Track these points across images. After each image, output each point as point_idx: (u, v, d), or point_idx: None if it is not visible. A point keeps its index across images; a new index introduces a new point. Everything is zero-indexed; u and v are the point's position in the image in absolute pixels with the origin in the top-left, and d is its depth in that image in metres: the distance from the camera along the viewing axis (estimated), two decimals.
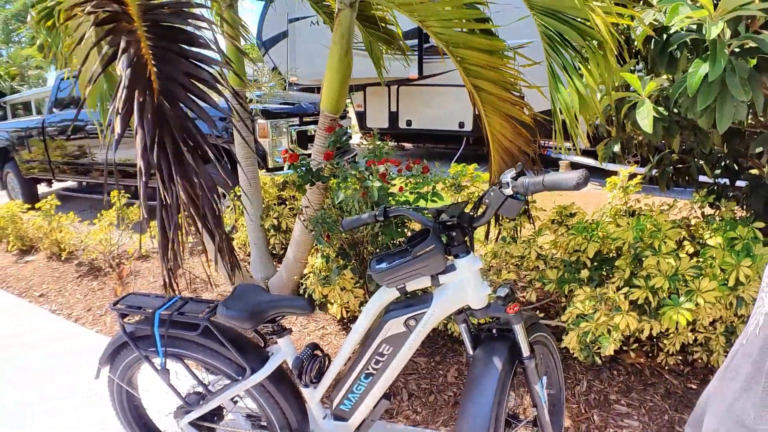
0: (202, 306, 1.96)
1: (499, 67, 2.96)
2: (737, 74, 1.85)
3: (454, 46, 2.96)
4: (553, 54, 2.49)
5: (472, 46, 2.93)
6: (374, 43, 4.02)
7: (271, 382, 1.93)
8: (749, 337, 0.74)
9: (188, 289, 4.30)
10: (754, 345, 0.71)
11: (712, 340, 2.62)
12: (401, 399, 2.72)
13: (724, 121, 1.95)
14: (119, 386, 2.22)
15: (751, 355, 0.71)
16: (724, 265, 2.38)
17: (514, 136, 3.00)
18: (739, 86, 1.84)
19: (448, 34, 2.96)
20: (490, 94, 2.99)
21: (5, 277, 5.06)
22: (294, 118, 5.26)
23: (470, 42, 2.92)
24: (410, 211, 1.69)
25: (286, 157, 2.91)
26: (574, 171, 1.36)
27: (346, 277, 2.92)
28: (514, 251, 2.91)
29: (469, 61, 2.98)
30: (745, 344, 0.75)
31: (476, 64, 2.96)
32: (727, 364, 0.79)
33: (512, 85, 2.99)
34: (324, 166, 2.89)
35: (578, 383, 2.77)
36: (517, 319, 1.66)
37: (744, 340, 0.76)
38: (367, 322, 1.80)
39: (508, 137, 3.03)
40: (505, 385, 1.65)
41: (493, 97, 2.99)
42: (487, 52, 2.93)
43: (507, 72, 2.97)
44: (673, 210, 3.16)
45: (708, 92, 1.89)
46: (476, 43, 2.92)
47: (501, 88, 2.96)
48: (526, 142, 3.04)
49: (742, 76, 1.85)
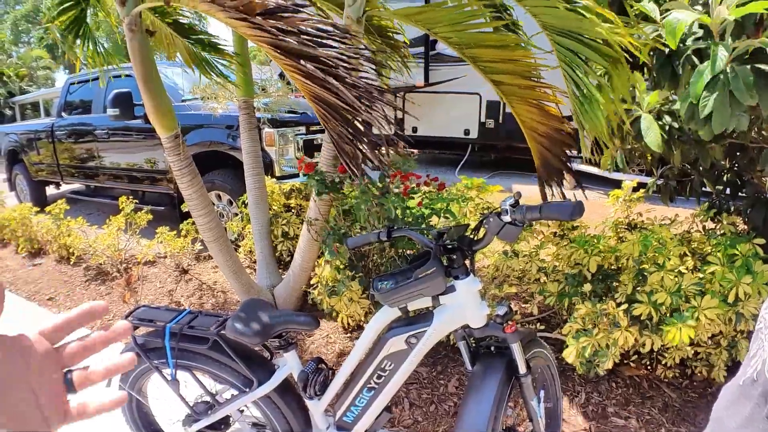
0: (212, 320, 2.02)
1: (516, 58, 2.96)
2: (740, 78, 1.84)
3: (467, 47, 2.97)
4: (568, 70, 2.52)
5: (484, 44, 2.93)
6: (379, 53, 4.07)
7: (277, 394, 1.99)
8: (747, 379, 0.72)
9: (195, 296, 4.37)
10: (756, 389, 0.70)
11: (713, 355, 2.66)
12: (402, 408, 2.78)
13: (721, 121, 1.89)
14: (129, 395, 2.28)
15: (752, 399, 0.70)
16: (724, 281, 2.42)
17: (543, 118, 3.00)
18: (743, 90, 1.82)
19: (457, 37, 2.99)
20: (511, 85, 2.97)
21: (14, 279, 5.14)
22: (301, 127, 5.33)
23: (481, 40, 2.93)
24: (413, 232, 1.75)
25: (302, 166, 2.96)
26: (570, 201, 1.42)
27: (353, 288, 2.98)
28: (515, 265, 2.96)
29: (483, 59, 2.98)
30: (743, 385, 0.73)
31: (491, 60, 2.97)
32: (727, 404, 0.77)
33: (531, 72, 2.98)
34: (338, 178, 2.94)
35: (577, 395, 2.82)
36: (514, 338, 1.72)
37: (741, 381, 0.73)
38: (370, 339, 1.86)
39: (538, 120, 3.01)
40: (501, 401, 1.70)
41: (514, 88, 2.96)
42: (500, 48, 2.93)
43: (524, 62, 2.97)
44: (674, 224, 3.20)
45: (710, 97, 1.89)
46: (487, 40, 2.93)
47: (520, 78, 2.93)
48: (559, 121, 3.02)
49: (746, 80, 1.83)
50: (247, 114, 3.85)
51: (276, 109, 5.23)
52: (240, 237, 4.87)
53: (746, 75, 1.84)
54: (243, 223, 4.74)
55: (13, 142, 8.55)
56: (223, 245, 3.45)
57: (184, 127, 4.54)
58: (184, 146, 3.17)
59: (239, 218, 4.83)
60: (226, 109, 5.07)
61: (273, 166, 5.12)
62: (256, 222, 3.93)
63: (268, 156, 5.09)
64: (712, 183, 3.32)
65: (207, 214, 3.33)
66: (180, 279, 4.69)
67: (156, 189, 6.28)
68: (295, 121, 5.41)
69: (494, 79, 3.01)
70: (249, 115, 3.86)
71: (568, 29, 2.40)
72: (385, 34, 3.96)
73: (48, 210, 5.43)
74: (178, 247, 4.68)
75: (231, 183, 5.25)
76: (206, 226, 3.37)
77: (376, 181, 2.76)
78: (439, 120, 9.33)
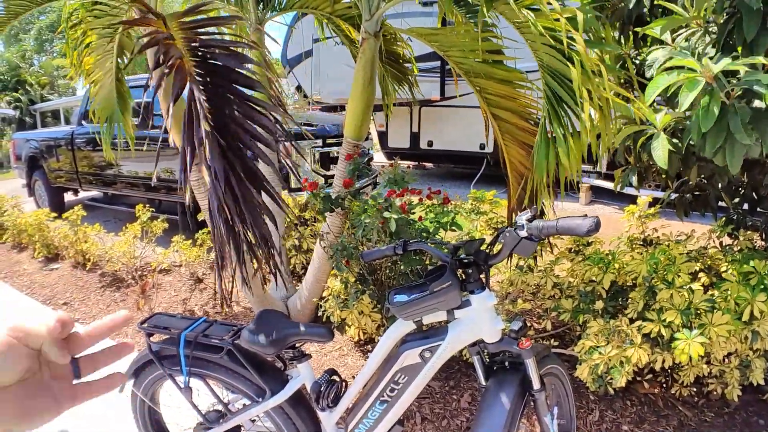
0: (226, 329, 2.03)
1: (517, 97, 3.02)
2: (739, 117, 1.84)
3: (475, 75, 3.03)
4: (548, 106, 2.51)
5: (492, 76, 2.99)
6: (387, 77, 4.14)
7: (290, 405, 1.99)
8: None
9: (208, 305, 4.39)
10: None
11: (727, 373, 2.63)
12: (414, 422, 2.76)
13: (735, 162, 1.94)
14: (142, 401, 2.30)
15: None
16: (739, 299, 2.40)
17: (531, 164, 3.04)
18: (741, 129, 1.83)
19: (468, 65, 3.03)
20: (509, 123, 3.04)
21: (31, 283, 5.20)
22: (317, 140, 5.37)
23: (490, 72, 2.99)
24: (429, 246, 1.75)
25: (306, 185, 2.99)
26: (586, 218, 1.41)
27: (364, 301, 2.98)
28: (530, 280, 2.95)
29: (488, 91, 3.04)
30: None
31: (495, 94, 3.03)
32: None
33: (530, 115, 3.04)
34: (344, 194, 2.96)
35: (590, 413, 2.79)
36: (529, 354, 1.71)
37: None
38: (384, 352, 1.86)
39: (525, 165, 3.07)
40: (515, 417, 1.69)
41: (511, 126, 3.04)
42: (505, 83, 2.99)
43: (525, 102, 3.03)
44: (690, 240, 3.17)
45: (715, 135, 1.90)
46: (495, 73, 2.99)
47: (519, 117, 3.02)
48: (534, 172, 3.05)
49: (744, 118, 1.84)
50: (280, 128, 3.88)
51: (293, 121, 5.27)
52: None
53: (745, 113, 1.85)
54: None
55: (34, 149, 8.67)
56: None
57: None
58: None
59: None
60: None
61: (289, 179, 5.15)
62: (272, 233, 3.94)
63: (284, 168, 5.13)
64: (729, 198, 3.28)
65: None
66: (194, 288, 4.72)
67: (172, 198, 6.33)
68: (312, 134, 5.45)
69: (495, 113, 3.07)
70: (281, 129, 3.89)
71: (559, 71, 2.40)
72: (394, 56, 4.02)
73: (65, 216, 5.50)
74: (193, 256, 4.71)
75: None
76: None
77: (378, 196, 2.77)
78: (454, 134, 9.34)
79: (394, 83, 4.23)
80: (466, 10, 3.21)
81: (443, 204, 2.73)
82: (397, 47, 4.04)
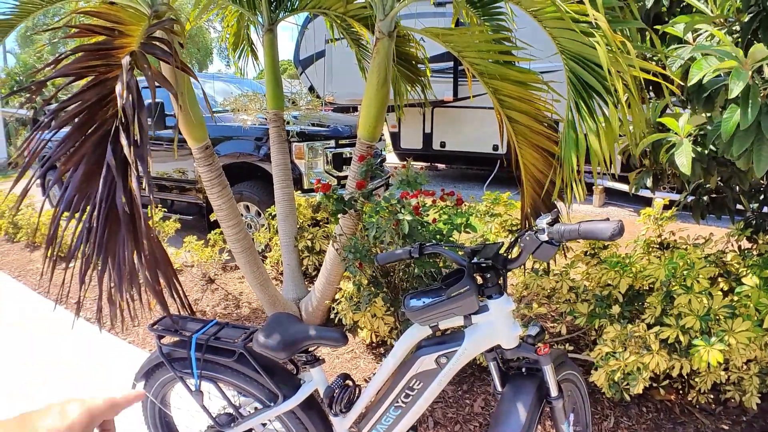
0: (238, 332, 2.01)
1: (532, 99, 2.98)
2: None
3: (490, 77, 2.99)
4: (574, 95, 2.47)
5: (506, 78, 2.95)
6: (400, 79, 4.11)
7: (302, 410, 1.96)
8: None
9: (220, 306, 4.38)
10: None
11: (745, 380, 2.58)
12: (427, 427, 2.73)
13: (762, 166, 1.92)
14: (152, 403, 2.28)
15: None
16: (759, 305, 2.35)
17: (545, 167, 3.01)
18: None
19: (483, 65, 3.00)
20: (523, 126, 3.01)
21: (44, 282, 5.21)
22: (330, 141, 5.35)
23: (504, 74, 2.95)
24: (445, 249, 1.72)
25: (318, 187, 2.97)
26: (610, 222, 1.38)
27: (377, 304, 2.95)
28: (546, 284, 2.91)
29: (502, 92, 3.00)
30: None
31: (510, 96, 2.99)
32: None
33: (544, 118, 3.00)
34: (357, 195, 2.94)
35: (605, 419, 2.75)
36: (547, 360, 1.68)
37: None
38: (399, 357, 1.82)
39: (539, 168, 3.04)
40: (531, 425, 1.66)
41: (525, 129, 3.01)
42: (520, 84, 2.95)
43: (539, 104, 2.99)
44: (708, 243, 3.11)
45: (744, 137, 1.87)
46: (510, 74, 2.95)
47: (533, 120, 2.98)
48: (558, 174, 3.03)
49: None
50: (277, 127, 3.87)
51: (306, 122, 5.27)
52: (267, 248, 4.88)
53: None
54: (270, 234, 4.74)
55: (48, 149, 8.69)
56: (251, 256, 3.46)
57: (214, 139, 4.59)
58: (214, 157, 3.20)
59: (266, 229, 4.84)
60: (255, 121, 5.11)
61: (302, 179, 5.14)
62: (285, 235, 3.93)
63: (297, 169, 5.12)
64: (747, 201, 3.22)
65: (235, 225, 3.35)
66: (206, 288, 4.71)
67: (185, 198, 6.34)
68: (325, 135, 5.43)
69: (509, 115, 3.04)
70: (279, 128, 3.88)
71: (583, 55, 2.36)
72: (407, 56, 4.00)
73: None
74: (205, 257, 4.70)
75: (259, 194, 5.28)
76: (234, 237, 3.38)
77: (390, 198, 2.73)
78: (467, 135, 9.29)
79: (407, 84, 4.21)
80: (482, 12, 3.18)
81: (457, 205, 2.69)
82: (410, 48, 4.02)
